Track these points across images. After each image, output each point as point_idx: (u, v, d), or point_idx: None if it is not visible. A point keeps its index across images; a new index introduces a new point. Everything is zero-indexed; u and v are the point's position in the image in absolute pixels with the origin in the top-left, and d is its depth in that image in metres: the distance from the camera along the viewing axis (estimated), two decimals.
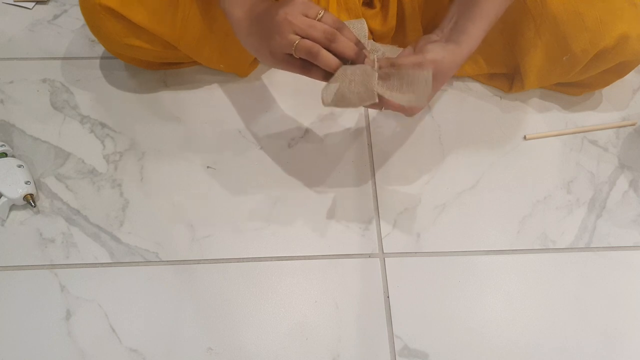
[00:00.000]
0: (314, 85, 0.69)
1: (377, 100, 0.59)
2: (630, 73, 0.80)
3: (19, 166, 0.74)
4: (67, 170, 0.77)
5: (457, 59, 0.63)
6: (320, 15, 0.59)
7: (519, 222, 0.75)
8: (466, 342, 0.66)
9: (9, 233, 0.72)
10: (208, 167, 0.78)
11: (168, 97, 0.85)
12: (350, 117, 0.83)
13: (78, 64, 0.88)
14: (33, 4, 0.96)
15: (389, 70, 0.60)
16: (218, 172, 0.78)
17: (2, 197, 0.71)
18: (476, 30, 0.64)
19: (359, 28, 0.62)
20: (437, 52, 0.62)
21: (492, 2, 0.64)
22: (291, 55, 0.60)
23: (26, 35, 0.91)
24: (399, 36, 0.85)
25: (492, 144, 0.82)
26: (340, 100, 0.59)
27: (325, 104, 0.60)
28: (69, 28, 0.93)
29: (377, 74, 0.59)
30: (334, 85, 0.59)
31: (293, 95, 0.85)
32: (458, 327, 0.67)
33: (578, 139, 0.83)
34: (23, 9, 0.95)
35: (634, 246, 0.74)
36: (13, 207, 0.73)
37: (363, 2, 0.81)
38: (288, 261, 0.71)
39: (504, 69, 0.85)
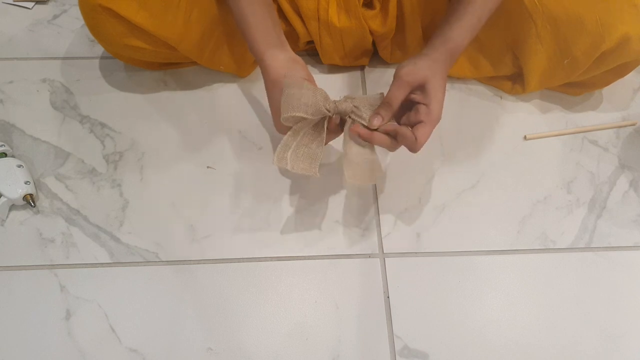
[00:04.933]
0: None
1: (317, 175, 0.63)
2: (631, 73, 0.80)
3: (19, 166, 0.74)
4: (67, 170, 0.77)
5: (435, 69, 0.62)
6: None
7: (519, 222, 0.75)
8: (466, 342, 0.66)
9: (9, 233, 0.72)
10: (208, 167, 0.78)
11: (168, 97, 0.85)
12: None
13: (78, 64, 0.88)
14: (33, 4, 0.96)
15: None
16: (218, 172, 0.78)
17: (2, 197, 0.71)
18: (453, 34, 0.65)
19: (315, 95, 0.63)
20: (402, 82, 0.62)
21: (472, 6, 0.65)
22: None
23: (26, 35, 0.91)
24: (398, 37, 0.85)
25: (492, 144, 0.82)
26: (280, 159, 0.63)
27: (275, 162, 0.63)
28: (69, 28, 0.93)
29: (322, 152, 0.64)
30: (283, 146, 0.63)
31: None
32: (458, 327, 0.67)
33: (578, 139, 0.83)
34: (23, 9, 0.95)
35: (634, 246, 0.74)
36: (13, 207, 0.73)
37: (363, 3, 0.81)
38: (288, 261, 0.71)
39: (507, 72, 0.85)
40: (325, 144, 0.66)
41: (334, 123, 0.64)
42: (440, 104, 0.62)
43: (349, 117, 0.63)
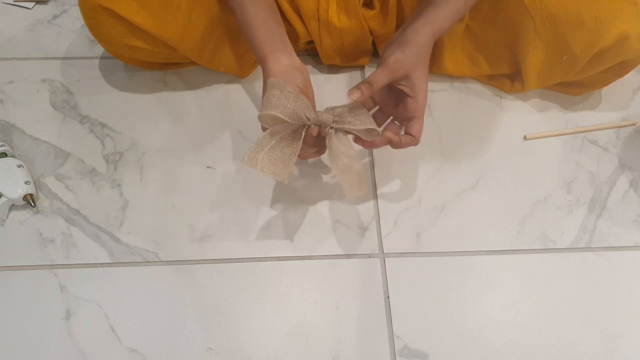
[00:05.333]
0: (314, 86, 0.69)
1: (286, 181, 0.62)
2: (630, 73, 0.80)
3: (19, 166, 0.74)
4: (67, 170, 0.77)
5: (409, 58, 0.63)
6: None
7: (519, 222, 0.75)
8: (466, 342, 0.66)
9: (9, 233, 0.72)
10: (208, 167, 0.78)
11: (168, 97, 0.85)
12: None
13: (78, 64, 0.88)
14: (33, 4, 0.96)
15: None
16: (218, 172, 0.78)
17: (2, 197, 0.71)
18: (436, 17, 0.66)
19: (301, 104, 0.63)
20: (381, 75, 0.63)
21: None
22: None
23: (26, 35, 0.91)
24: None
25: (492, 144, 0.82)
26: (251, 160, 0.62)
27: (244, 161, 0.62)
28: (69, 28, 0.93)
29: (294, 160, 0.63)
30: (257, 146, 0.62)
31: None
32: (458, 327, 0.67)
33: (578, 139, 0.83)
34: (23, 9, 0.95)
35: (634, 246, 0.74)
36: (13, 207, 0.73)
37: (363, 3, 0.81)
38: (288, 261, 0.71)
39: (506, 70, 0.85)
40: (298, 156, 0.64)
41: (310, 135, 0.62)
42: (425, 92, 0.65)
43: (331, 127, 0.62)
